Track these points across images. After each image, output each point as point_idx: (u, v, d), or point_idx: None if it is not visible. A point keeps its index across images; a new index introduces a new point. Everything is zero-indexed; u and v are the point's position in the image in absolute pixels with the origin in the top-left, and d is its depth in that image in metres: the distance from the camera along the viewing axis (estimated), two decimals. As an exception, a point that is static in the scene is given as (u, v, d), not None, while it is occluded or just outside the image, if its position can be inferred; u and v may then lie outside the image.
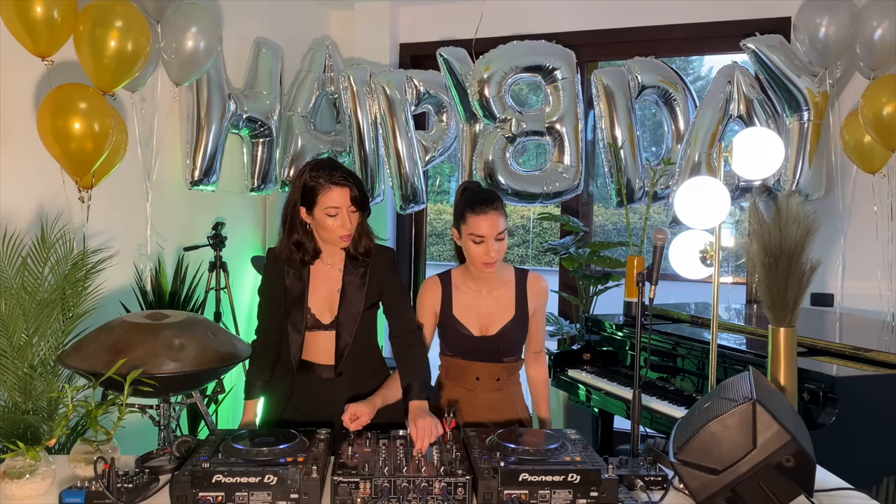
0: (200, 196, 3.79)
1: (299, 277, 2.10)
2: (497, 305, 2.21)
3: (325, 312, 2.11)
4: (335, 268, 2.12)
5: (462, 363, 2.24)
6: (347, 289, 2.11)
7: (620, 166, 3.80)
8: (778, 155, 2.19)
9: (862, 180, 3.61)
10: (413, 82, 4.06)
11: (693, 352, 2.88)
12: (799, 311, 2.00)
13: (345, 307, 2.10)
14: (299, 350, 2.11)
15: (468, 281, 2.23)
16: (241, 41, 3.97)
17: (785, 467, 1.47)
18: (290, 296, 2.10)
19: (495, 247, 2.08)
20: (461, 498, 1.54)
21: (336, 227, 2.00)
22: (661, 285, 2.04)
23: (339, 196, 1.98)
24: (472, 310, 2.21)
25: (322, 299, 2.11)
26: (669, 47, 4.17)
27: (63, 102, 2.74)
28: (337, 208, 1.98)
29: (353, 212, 2.01)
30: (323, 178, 1.98)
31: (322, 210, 1.99)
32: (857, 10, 3.42)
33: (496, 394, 2.24)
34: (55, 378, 2.60)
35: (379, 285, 2.14)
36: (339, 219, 1.99)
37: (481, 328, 2.21)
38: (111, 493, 1.53)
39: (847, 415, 2.28)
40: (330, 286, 2.12)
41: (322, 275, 2.12)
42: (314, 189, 1.99)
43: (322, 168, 2.01)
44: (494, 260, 2.10)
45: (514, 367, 2.27)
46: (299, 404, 2.13)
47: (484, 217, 2.08)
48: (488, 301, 2.21)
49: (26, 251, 2.68)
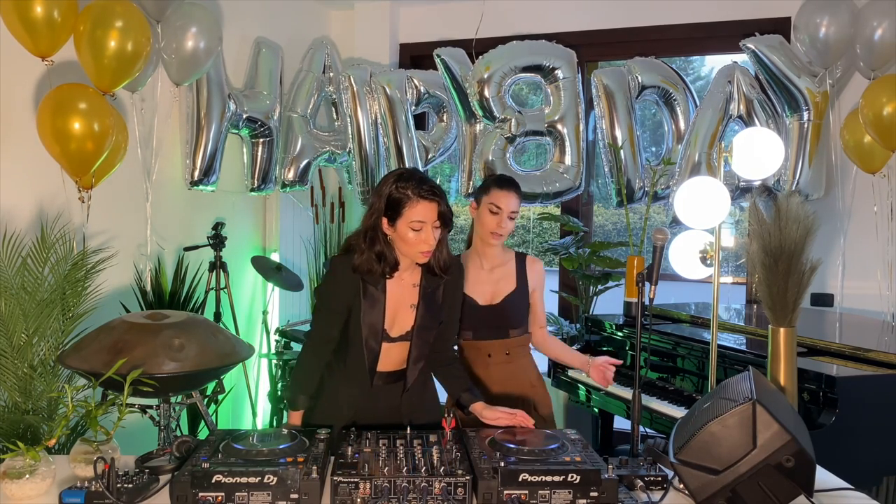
0: (200, 196, 3.79)
1: (377, 291, 2.03)
2: (500, 279, 2.45)
3: (393, 326, 2.06)
4: (409, 282, 2.07)
5: (474, 343, 2.44)
6: (423, 304, 2.07)
7: (620, 166, 3.80)
8: (778, 155, 2.19)
9: (862, 180, 3.61)
10: (413, 82, 4.06)
11: (693, 352, 2.88)
12: (799, 311, 2.00)
13: (419, 322, 2.07)
14: (375, 363, 2.06)
15: (475, 259, 2.47)
16: (241, 41, 3.97)
17: (785, 467, 1.47)
18: (366, 311, 2.03)
19: (506, 222, 2.36)
20: (461, 498, 1.54)
21: (418, 242, 1.94)
22: (661, 285, 2.04)
23: (425, 210, 1.92)
24: (478, 284, 2.43)
25: (394, 313, 2.06)
26: (669, 47, 4.17)
27: (63, 102, 2.74)
28: (422, 223, 1.92)
29: (437, 227, 1.95)
30: (411, 190, 1.92)
31: (406, 223, 1.92)
32: (857, 10, 3.42)
33: (508, 366, 2.43)
34: (55, 378, 2.60)
35: (451, 301, 2.14)
36: (423, 234, 1.93)
37: (487, 299, 2.42)
38: (111, 493, 1.53)
39: (847, 415, 2.28)
40: (402, 300, 2.06)
41: (397, 288, 2.06)
42: (400, 201, 1.92)
43: (410, 180, 1.94)
44: (502, 232, 2.38)
45: (521, 341, 2.47)
46: (366, 414, 2.09)
47: (505, 193, 2.38)
48: (492, 276, 2.45)
49: (26, 251, 2.68)
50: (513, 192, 2.39)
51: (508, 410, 2.02)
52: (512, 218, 2.38)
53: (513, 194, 2.39)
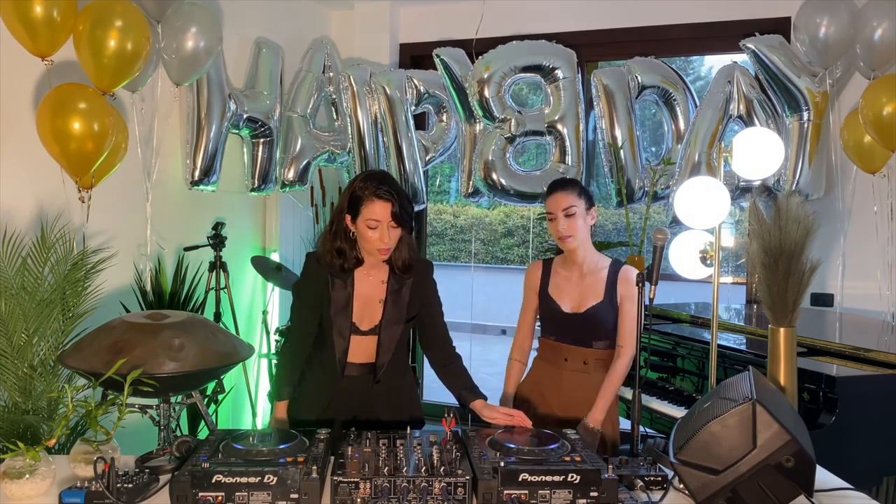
0: (200, 196, 3.79)
1: (345, 286, 2.12)
2: (589, 288, 2.37)
3: (363, 319, 2.14)
4: (378, 278, 2.15)
5: (554, 344, 2.42)
6: (390, 300, 2.14)
7: (620, 166, 3.80)
8: (778, 155, 2.19)
9: (862, 180, 3.61)
10: (413, 82, 4.06)
11: (693, 352, 2.88)
12: (799, 311, 2.01)
13: (387, 317, 2.14)
14: (344, 354, 2.14)
15: (566, 265, 2.44)
16: (241, 41, 3.97)
17: (785, 467, 1.47)
18: (335, 304, 2.12)
19: (563, 222, 2.31)
20: (461, 498, 1.54)
21: (375, 240, 2.02)
22: (661, 285, 2.04)
23: (380, 209, 1.99)
24: (565, 290, 2.40)
25: (362, 307, 2.14)
26: (669, 47, 4.17)
27: (63, 102, 2.74)
28: (378, 221, 2.00)
29: (394, 227, 2.02)
30: (369, 189, 2.00)
31: (364, 221, 2.02)
32: (857, 10, 3.42)
33: (583, 376, 2.37)
34: (55, 378, 2.60)
35: (421, 299, 2.19)
36: (379, 232, 2.01)
37: (572, 306, 2.38)
38: (111, 493, 1.53)
39: (847, 415, 2.28)
40: (371, 295, 2.14)
41: (365, 283, 2.14)
42: (360, 199, 2.02)
43: (371, 179, 2.03)
44: (562, 234, 2.32)
45: (603, 355, 2.37)
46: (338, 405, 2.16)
47: (552, 197, 2.36)
48: (581, 284, 2.39)
49: (26, 251, 2.68)
50: (558, 192, 2.35)
51: (507, 410, 2.03)
52: (570, 215, 2.31)
53: (558, 193, 2.35)
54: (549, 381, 2.42)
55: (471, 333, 6.73)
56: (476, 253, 10.53)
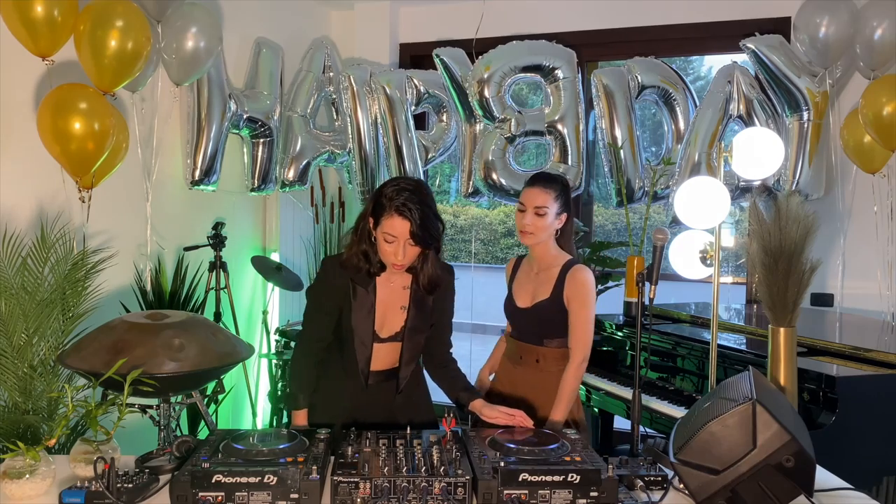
0: (200, 196, 3.79)
1: (367, 292, 2.05)
2: (540, 284, 2.39)
3: (383, 327, 2.10)
4: (400, 283, 2.09)
5: (512, 342, 2.48)
6: (414, 307, 2.10)
7: (620, 166, 3.80)
8: (778, 155, 2.19)
9: (862, 180, 3.61)
10: (413, 82, 4.06)
11: (693, 352, 2.88)
12: (799, 311, 2.00)
13: (410, 325, 2.10)
14: (367, 364, 2.10)
15: (528, 261, 2.49)
16: (241, 41, 3.97)
17: (785, 467, 1.47)
18: (357, 311, 2.05)
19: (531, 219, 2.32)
20: (461, 498, 1.54)
21: (389, 254, 1.96)
22: (661, 285, 2.04)
23: (399, 226, 1.92)
24: (523, 285, 2.45)
25: (383, 314, 2.09)
26: (669, 47, 4.17)
27: (63, 102, 2.74)
28: (394, 237, 1.93)
29: (412, 245, 1.95)
30: (394, 202, 1.91)
31: (381, 232, 1.95)
32: (857, 10, 3.42)
33: (536, 374, 2.39)
34: (55, 378, 2.60)
35: (441, 306, 2.16)
36: (394, 247, 1.94)
37: (523, 302, 2.42)
38: (111, 493, 1.53)
39: (847, 415, 2.28)
40: (392, 301, 2.09)
41: (386, 289, 2.09)
42: (382, 208, 1.94)
43: (400, 192, 1.93)
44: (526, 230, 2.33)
45: (555, 354, 2.37)
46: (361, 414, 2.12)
47: (527, 190, 2.36)
48: (535, 280, 2.42)
49: (26, 251, 2.68)
50: (537, 188, 2.34)
51: (508, 410, 2.02)
52: (540, 215, 2.31)
53: (537, 189, 2.33)
54: (507, 377, 2.48)
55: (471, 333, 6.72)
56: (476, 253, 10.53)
